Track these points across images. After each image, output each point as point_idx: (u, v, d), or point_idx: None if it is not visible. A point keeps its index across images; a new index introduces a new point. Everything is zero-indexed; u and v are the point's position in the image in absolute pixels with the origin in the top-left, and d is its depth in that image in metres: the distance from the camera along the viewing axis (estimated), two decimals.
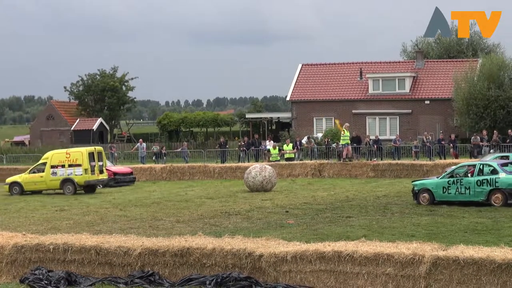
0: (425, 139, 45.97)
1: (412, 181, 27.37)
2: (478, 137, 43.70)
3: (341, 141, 41.29)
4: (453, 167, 27.12)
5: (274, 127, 69.89)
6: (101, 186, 36.52)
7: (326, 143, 49.36)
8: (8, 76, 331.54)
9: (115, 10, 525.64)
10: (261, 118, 69.54)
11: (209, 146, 58.57)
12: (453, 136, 45.27)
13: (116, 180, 38.72)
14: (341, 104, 59.62)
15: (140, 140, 56.07)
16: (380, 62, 62.37)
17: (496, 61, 52.09)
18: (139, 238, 15.61)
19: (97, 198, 32.36)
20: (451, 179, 25.38)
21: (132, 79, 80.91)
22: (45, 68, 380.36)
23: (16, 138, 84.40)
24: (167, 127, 70.88)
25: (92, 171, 35.19)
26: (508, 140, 43.13)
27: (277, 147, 44.75)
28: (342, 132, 41.05)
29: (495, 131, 44.65)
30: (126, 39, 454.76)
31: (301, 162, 42.37)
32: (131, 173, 40.57)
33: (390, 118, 58.32)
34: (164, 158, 50.40)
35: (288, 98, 63.47)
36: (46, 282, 14.30)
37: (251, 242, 14.34)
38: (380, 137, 50.75)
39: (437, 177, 26.23)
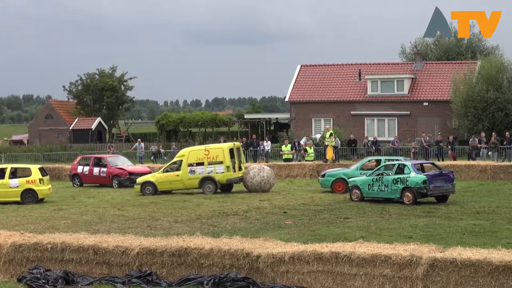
0: (423, 141, 45.98)
1: (348, 178, 28.94)
2: (476, 139, 43.70)
3: (333, 143, 42.55)
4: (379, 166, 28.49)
5: (272, 127, 69.82)
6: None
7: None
8: (7, 75, 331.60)
9: (114, 9, 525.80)
10: (259, 118, 69.47)
11: None
12: (451, 138, 45.25)
13: (132, 180, 36.26)
14: (339, 105, 59.57)
15: (139, 139, 56.05)
16: (379, 64, 62.32)
17: (495, 63, 52.12)
18: (137, 237, 15.61)
19: (95, 198, 32.32)
20: (375, 177, 26.62)
21: (131, 78, 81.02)
22: (44, 67, 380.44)
23: (15, 137, 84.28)
24: (166, 127, 70.82)
25: (233, 168, 32.99)
26: (505, 142, 43.18)
27: (313, 147, 44.77)
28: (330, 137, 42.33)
29: (493, 133, 44.65)
30: (125, 39, 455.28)
31: (299, 163, 42.35)
32: (150, 173, 37.07)
33: (388, 119, 58.29)
34: (165, 158, 50.35)
35: (286, 99, 63.41)
36: (43, 281, 14.28)
37: (249, 243, 14.34)
38: (379, 138, 50.89)
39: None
